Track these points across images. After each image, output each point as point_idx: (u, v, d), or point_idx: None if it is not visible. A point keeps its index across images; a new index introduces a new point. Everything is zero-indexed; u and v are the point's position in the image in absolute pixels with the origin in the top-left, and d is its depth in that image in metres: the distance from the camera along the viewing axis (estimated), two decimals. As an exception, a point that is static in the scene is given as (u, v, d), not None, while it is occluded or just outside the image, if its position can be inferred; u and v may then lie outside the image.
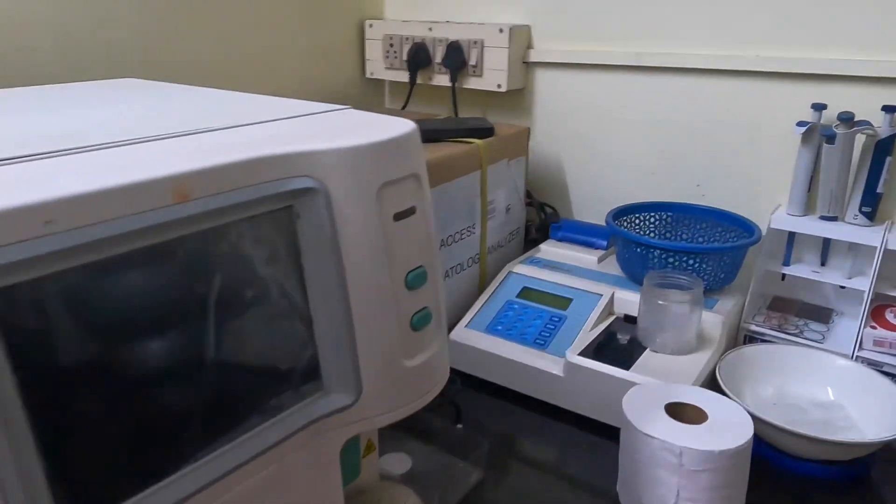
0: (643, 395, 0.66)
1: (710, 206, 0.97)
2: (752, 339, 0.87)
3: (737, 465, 0.60)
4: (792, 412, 0.76)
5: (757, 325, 0.87)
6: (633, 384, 0.73)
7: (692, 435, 0.60)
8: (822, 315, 0.90)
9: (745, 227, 0.91)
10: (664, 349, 0.79)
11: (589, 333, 0.83)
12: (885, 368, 0.78)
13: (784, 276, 0.92)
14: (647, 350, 0.80)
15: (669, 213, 0.99)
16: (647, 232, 1.00)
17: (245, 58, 1.04)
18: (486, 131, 0.94)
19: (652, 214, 0.99)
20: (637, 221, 0.99)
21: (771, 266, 0.91)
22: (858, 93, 0.84)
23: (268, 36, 1.06)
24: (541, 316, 0.88)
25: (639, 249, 0.87)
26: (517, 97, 1.13)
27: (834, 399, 0.78)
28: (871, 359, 0.80)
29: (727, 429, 0.61)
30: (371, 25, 1.17)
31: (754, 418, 0.70)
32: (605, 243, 1.00)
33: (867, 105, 0.83)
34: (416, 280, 0.44)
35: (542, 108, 1.11)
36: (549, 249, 1.01)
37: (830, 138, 0.80)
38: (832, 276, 0.87)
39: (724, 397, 0.66)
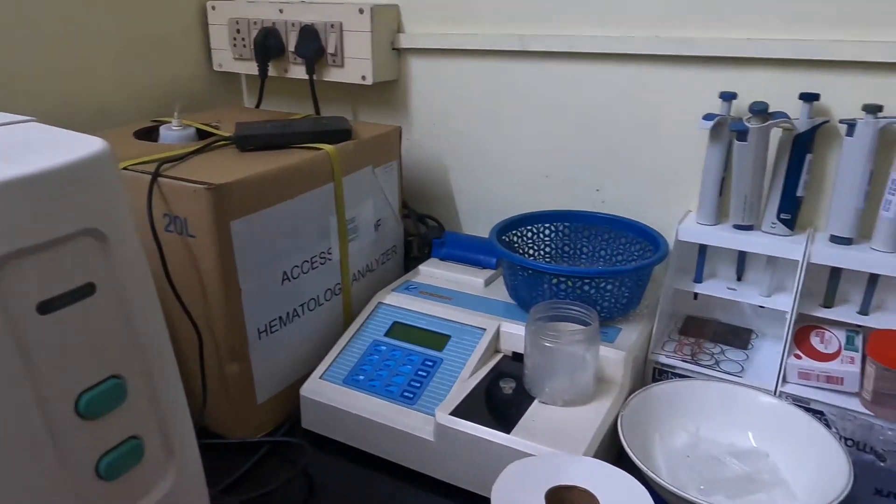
0: (520, 478, 0.51)
1: (611, 214, 0.82)
2: (661, 372, 0.74)
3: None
4: (708, 467, 0.63)
5: (667, 357, 0.74)
6: (513, 451, 0.59)
7: (576, 539, 0.46)
8: (741, 338, 0.77)
9: (650, 240, 0.77)
10: (555, 400, 0.64)
11: (468, 382, 0.68)
12: (813, 405, 0.66)
13: (696, 294, 0.79)
14: (536, 401, 0.65)
15: (566, 224, 0.85)
16: (542, 247, 0.85)
17: (51, 55, 0.83)
18: (340, 134, 0.77)
19: (546, 226, 0.85)
20: (529, 235, 0.84)
21: (681, 284, 0.77)
22: (773, 79, 0.71)
23: (78, 27, 0.85)
24: (412, 360, 0.71)
25: (526, 274, 0.72)
26: (389, 91, 0.96)
27: (756, 445, 0.65)
28: (796, 394, 0.68)
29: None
30: (214, 8, 0.98)
31: (663, 491, 0.57)
32: (494, 261, 0.85)
33: (783, 93, 0.70)
34: (98, 402, 0.27)
35: (420, 103, 0.95)
36: (430, 271, 0.85)
37: (742, 134, 0.67)
38: (749, 293, 0.75)
39: (621, 472, 0.52)
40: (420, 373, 0.70)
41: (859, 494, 0.59)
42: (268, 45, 0.93)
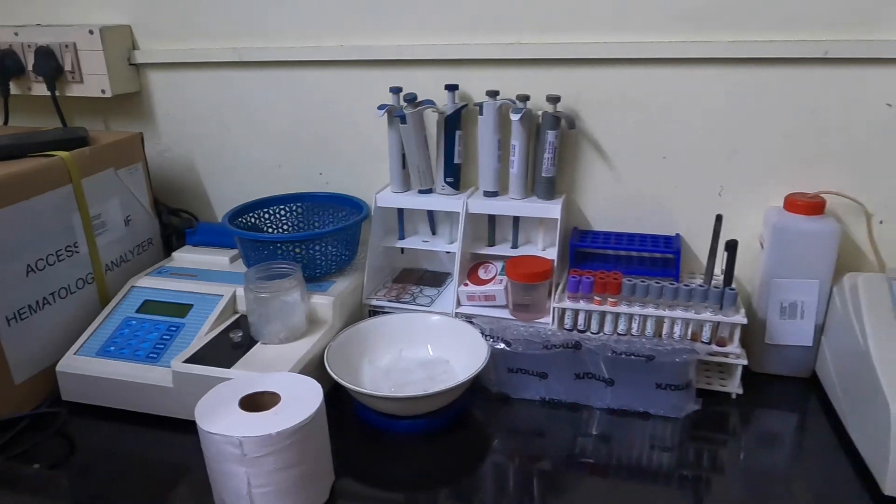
0: (219, 394, 0.66)
1: (332, 192, 1.00)
2: (374, 312, 0.93)
3: (303, 441, 0.62)
4: (402, 376, 0.82)
5: (377, 300, 0.92)
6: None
7: (256, 423, 0.61)
8: (438, 279, 0.98)
9: (360, 209, 0.96)
10: (273, 340, 0.80)
11: (205, 338, 0.82)
12: (477, 319, 0.87)
13: (403, 249, 0.99)
14: (259, 343, 0.81)
15: (299, 204, 1.01)
16: (281, 225, 1.01)
17: None
18: (75, 141, 0.87)
19: (282, 207, 1.00)
20: (267, 216, 0.99)
21: (388, 242, 0.97)
22: (428, 75, 0.92)
23: None
24: (158, 328, 0.84)
25: (250, 244, 0.87)
26: (132, 102, 1.07)
27: (434, 355, 0.85)
28: (467, 313, 0.89)
29: (297, 408, 0.63)
30: (-50, 32, 1.03)
31: (360, 395, 0.75)
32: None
33: (436, 85, 0.91)
34: None
35: (163, 111, 1.07)
36: (183, 256, 0.98)
37: (402, 118, 0.87)
38: (439, 243, 0.96)
39: (303, 377, 0.69)
40: (164, 337, 0.83)
41: (499, 371, 0.81)
42: (6, 65, 1.00)
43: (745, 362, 0.79)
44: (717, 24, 0.81)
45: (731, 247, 0.77)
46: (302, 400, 0.64)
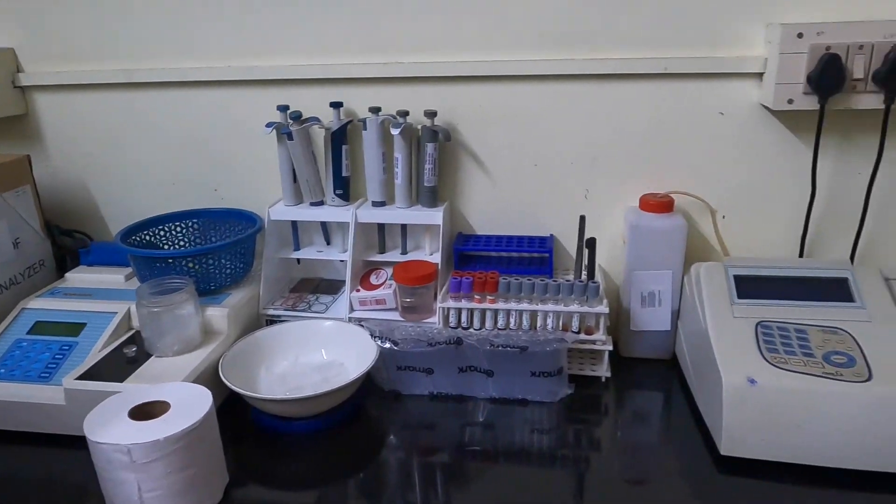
0: (108, 407, 0.68)
1: (227, 207, 1.03)
2: (272, 322, 0.96)
3: (192, 445, 0.65)
4: (297, 381, 0.86)
5: (273, 310, 0.96)
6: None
7: (144, 430, 0.64)
8: (334, 287, 1.02)
9: (253, 222, 0.99)
10: (167, 352, 0.83)
11: (98, 354, 0.83)
12: (369, 323, 0.92)
13: (299, 260, 1.03)
14: (153, 357, 0.83)
15: (195, 220, 1.04)
16: (178, 242, 1.03)
17: None
18: (-45, 166, 0.87)
19: (178, 224, 1.02)
20: (163, 233, 1.01)
21: (284, 253, 1.00)
22: (314, 93, 0.97)
23: None
24: (50, 348, 0.85)
25: (143, 262, 0.89)
26: (19, 124, 1.07)
27: (329, 359, 0.90)
28: (360, 317, 0.94)
29: (186, 414, 0.66)
30: None
31: (254, 400, 0.78)
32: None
33: (322, 103, 0.96)
34: None
35: (52, 132, 1.07)
36: (76, 276, 0.99)
37: (289, 135, 0.92)
38: (333, 252, 1.00)
39: (193, 385, 0.72)
40: (57, 357, 0.84)
41: (389, 370, 0.86)
42: None
43: (611, 348, 0.87)
44: (574, 44, 0.90)
45: (591, 244, 0.85)
46: (191, 406, 0.68)
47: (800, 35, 0.80)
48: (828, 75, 0.79)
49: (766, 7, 0.84)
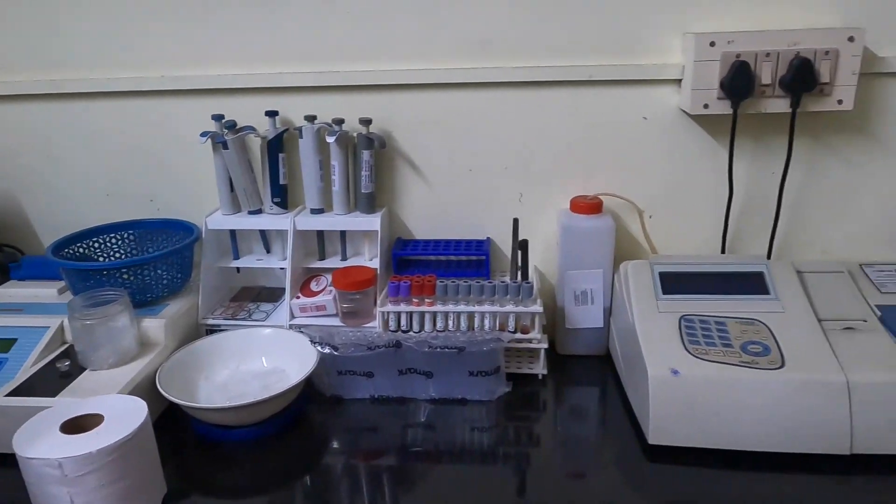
0: (38, 422, 0.67)
1: (164, 218, 1.03)
2: (212, 331, 0.96)
3: (126, 456, 0.65)
4: (238, 389, 0.86)
5: (213, 319, 0.96)
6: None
7: (76, 444, 0.63)
8: (275, 295, 1.03)
9: (190, 231, 0.98)
10: (102, 365, 0.82)
11: (30, 370, 0.82)
12: (310, 329, 0.92)
13: (239, 268, 1.03)
14: (87, 371, 0.82)
15: (131, 232, 1.02)
16: (113, 254, 1.01)
17: None
18: None
19: (113, 235, 1.01)
20: (97, 245, 1.00)
21: (223, 262, 1.00)
22: (249, 102, 0.97)
23: None
24: (-21, 365, 0.83)
25: (76, 274, 0.88)
26: (-57, 137, 1.04)
27: (269, 366, 0.90)
28: (301, 324, 0.94)
29: (120, 426, 0.66)
30: None
31: (193, 410, 0.78)
32: (68, 273, 0.99)
33: (258, 111, 0.96)
34: None
35: (-19, 145, 1.05)
36: (6, 291, 0.97)
37: (224, 144, 0.92)
38: (272, 260, 1.01)
39: (127, 396, 0.71)
40: (-14, 373, 0.82)
41: (330, 375, 0.87)
42: None
43: (546, 346, 0.90)
44: (504, 53, 0.93)
45: (523, 246, 0.88)
46: (125, 418, 0.67)
47: (712, 44, 0.84)
48: (738, 81, 0.84)
49: (682, 17, 0.89)
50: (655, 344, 0.78)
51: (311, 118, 0.93)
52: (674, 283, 0.86)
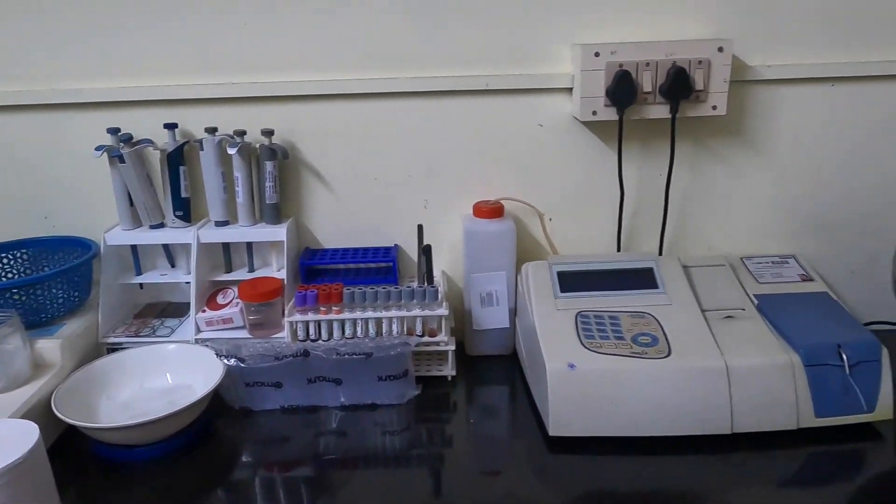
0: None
1: (61, 235, 0.99)
2: (114, 349, 0.93)
3: (15, 482, 0.62)
4: (141, 407, 0.84)
5: (115, 337, 0.93)
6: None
7: (-41, 472, 0.61)
8: (181, 310, 1.01)
9: (88, 248, 0.95)
10: (-8, 390, 0.79)
11: (-89, 399, 0.78)
12: (217, 343, 0.91)
13: (142, 284, 1.01)
14: (-25, 396, 0.79)
15: (24, 250, 0.98)
16: (6, 274, 0.97)
17: None
18: None
19: (4, 255, 0.97)
20: (-12, 265, 0.96)
21: (124, 279, 0.98)
22: (147, 115, 0.96)
23: None
24: None
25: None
26: None
27: (174, 382, 0.88)
28: (208, 338, 0.93)
29: (9, 450, 0.63)
30: None
31: (93, 431, 0.76)
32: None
33: (156, 124, 0.95)
34: None
35: None
36: None
37: (120, 158, 0.90)
38: (177, 275, 0.99)
39: (20, 420, 0.69)
40: None
41: (238, 387, 0.87)
42: None
43: (454, 348, 0.93)
44: (403, 63, 0.95)
45: (427, 251, 0.90)
46: (15, 442, 0.65)
47: (597, 54, 0.89)
48: (622, 89, 0.89)
49: (571, 29, 0.94)
50: (553, 340, 0.82)
51: (211, 130, 0.93)
52: (571, 281, 0.90)
